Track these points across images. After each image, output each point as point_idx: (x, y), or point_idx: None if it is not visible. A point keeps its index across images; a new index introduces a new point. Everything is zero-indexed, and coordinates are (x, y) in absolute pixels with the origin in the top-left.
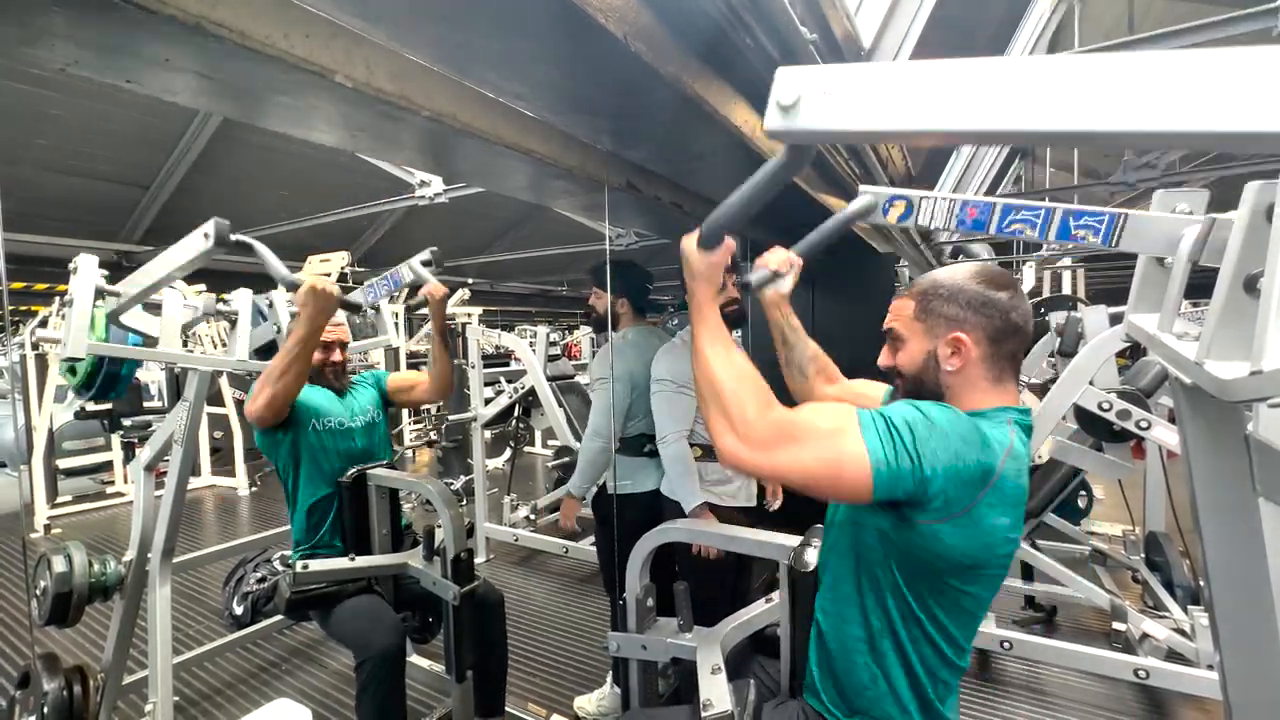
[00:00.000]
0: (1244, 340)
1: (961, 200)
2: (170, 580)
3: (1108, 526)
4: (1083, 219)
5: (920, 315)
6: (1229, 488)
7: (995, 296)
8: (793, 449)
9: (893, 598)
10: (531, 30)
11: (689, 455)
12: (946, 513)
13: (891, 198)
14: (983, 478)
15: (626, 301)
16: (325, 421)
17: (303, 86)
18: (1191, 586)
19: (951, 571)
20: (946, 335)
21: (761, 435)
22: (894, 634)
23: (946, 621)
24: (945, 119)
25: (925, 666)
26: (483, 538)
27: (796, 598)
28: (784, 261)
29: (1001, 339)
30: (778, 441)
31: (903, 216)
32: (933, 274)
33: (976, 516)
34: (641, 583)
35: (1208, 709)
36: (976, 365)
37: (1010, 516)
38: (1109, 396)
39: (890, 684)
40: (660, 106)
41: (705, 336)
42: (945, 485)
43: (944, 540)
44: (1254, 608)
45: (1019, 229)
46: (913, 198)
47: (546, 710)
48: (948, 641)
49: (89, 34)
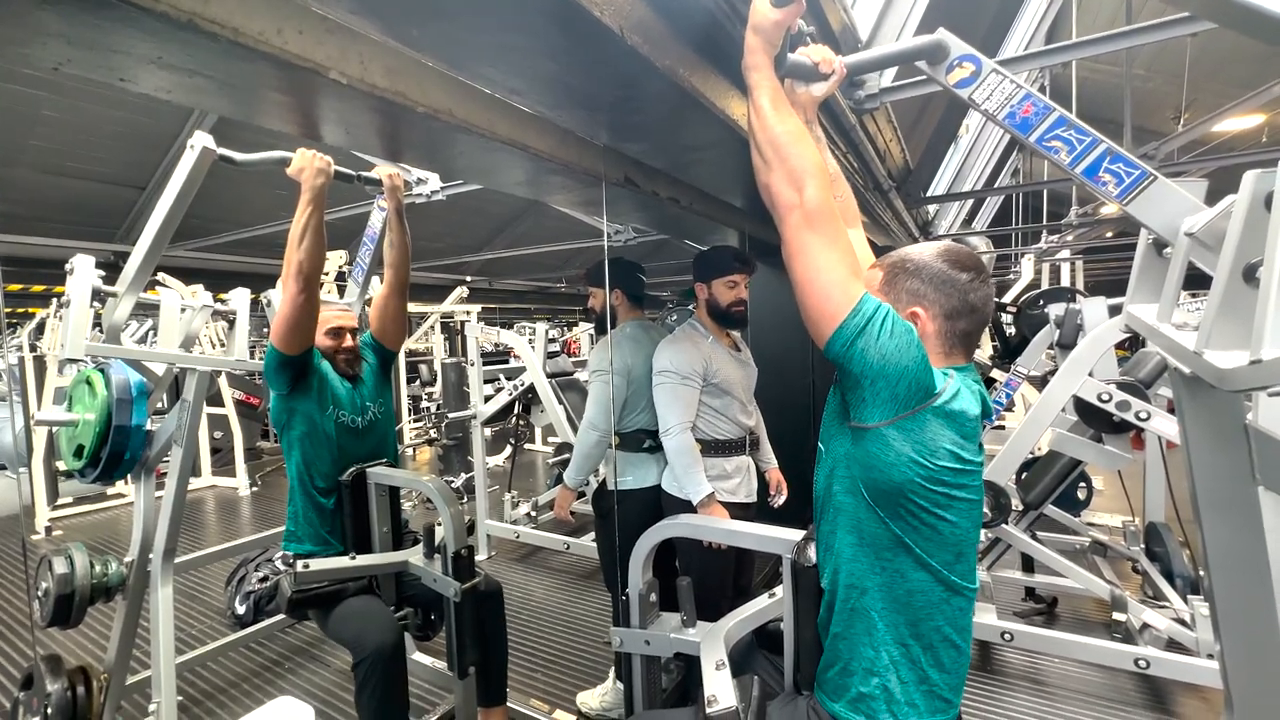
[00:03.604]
0: (1243, 329)
1: (1025, 91)
2: (172, 580)
3: (1107, 517)
4: (1118, 163)
5: (885, 287)
6: (1229, 477)
7: (957, 276)
8: (826, 242)
9: (871, 527)
10: (527, 24)
11: (694, 447)
12: (893, 411)
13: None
14: (927, 390)
15: (621, 294)
16: (340, 414)
17: (297, 83)
18: (1191, 576)
19: (911, 486)
20: (906, 309)
21: (818, 210)
22: (884, 568)
23: (926, 544)
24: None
25: (925, 599)
26: (484, 535)
27: (799, 592)
28: (828, 60)
29: (956, 316)
30: (824, 227)
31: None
32: (904, 249)
33: (919, 422)
34: (644, 578)
35: (1208, 698)
36: (930, 339)
37: (953, 433)
38: (1108, 388)
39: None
40: (657, 100)
41: (765, 99)
42: (898, 377)
43: (893, 446)
44: (1254, 596)
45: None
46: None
47: (550, 706)
48: (936, 569)
49: (81, 32)
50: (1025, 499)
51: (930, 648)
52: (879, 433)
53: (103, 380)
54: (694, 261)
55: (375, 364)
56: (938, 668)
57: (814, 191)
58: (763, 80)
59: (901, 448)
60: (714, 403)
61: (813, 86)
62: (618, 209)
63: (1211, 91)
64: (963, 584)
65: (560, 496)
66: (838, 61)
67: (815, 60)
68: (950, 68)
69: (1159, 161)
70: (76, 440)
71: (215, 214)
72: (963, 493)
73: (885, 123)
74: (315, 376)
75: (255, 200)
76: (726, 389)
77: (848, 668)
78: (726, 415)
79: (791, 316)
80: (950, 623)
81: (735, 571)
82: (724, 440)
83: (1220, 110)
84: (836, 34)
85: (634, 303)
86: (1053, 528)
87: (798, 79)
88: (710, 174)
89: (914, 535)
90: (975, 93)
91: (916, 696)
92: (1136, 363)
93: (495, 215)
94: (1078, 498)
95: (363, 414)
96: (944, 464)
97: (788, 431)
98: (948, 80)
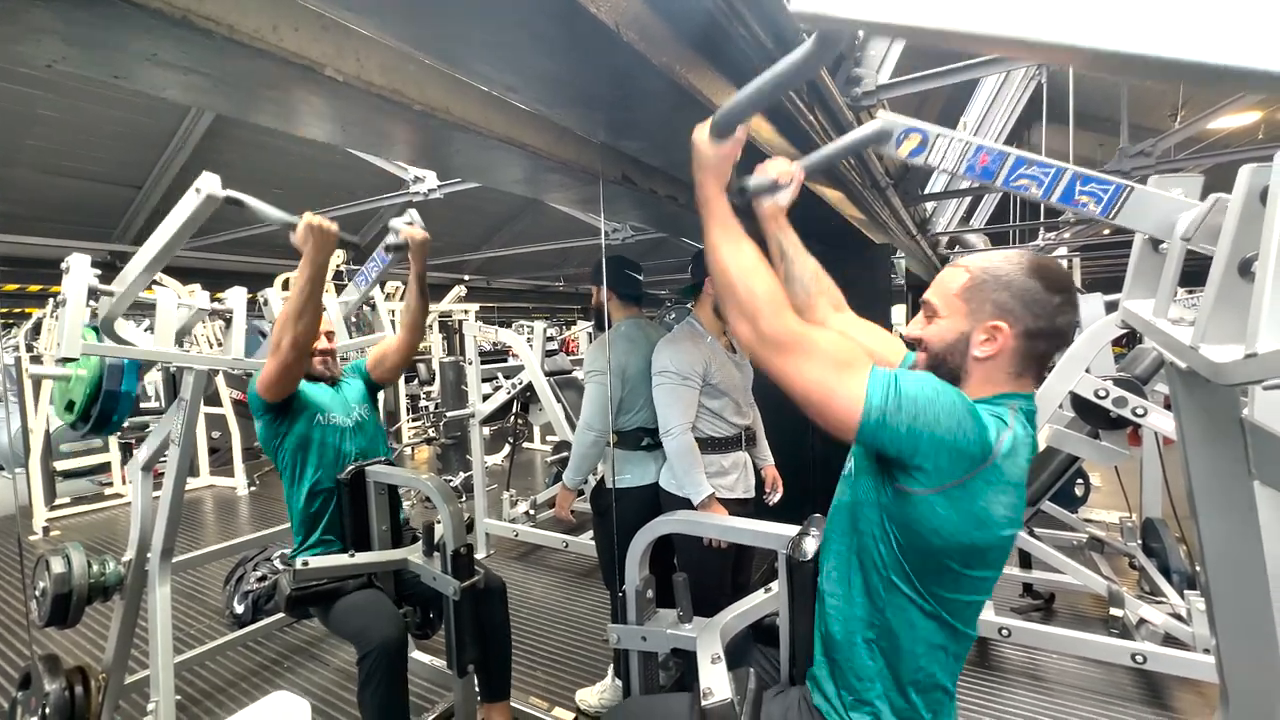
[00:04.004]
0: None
1: (976, 145)
2: (170, 580)
3: (1104, 514)
4: (1090, 184)
5: (967, 295)
6: (1225, 472)
7: (1049, 298)
8: (800, 360)
9: (895, 574)
10: (523, 20)
11: (695, 447)
12: (939, 482)
13: (907, 129)
14: (979, 454)
15: (612, 292)
16: (328, 416)
17: (293, 80)
18: (1188, 572)
19: (949, 551)
20: (987, 322)
21: (775, 338)
22: (895, 612)
23: (948, 600)
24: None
25: (927, 646)
26: (483, 533)
27: (795, 587)
28: (785, 173)
29: (1038, 338)
30: (790, 349)
31: (915, 151)
32: (990, 256)
33: (971, 491)
34: (641, 574)
35: (1204, 692)
36: (1005, 356)
37: (1009, 497)
38: (1105, 384)
39: (891, 667)
40: (654, 97)
41: (717, 231)
42: (935, 451)
43: (939, 513)
44: (1250, 590)
45: (1025, 184)
46: (929, 133)
47: (549, 703)
48: (949, 621)
49: (75, 29)
50: None
51: (924, 692)
52: (923, 499)
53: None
54: (700, 257)
55: (362, 388)
56: (927, 710)
57: (767, 320)
58: (713, 214)
59: (948, 515)
60: (712, 404)
61: (777, 197)
62: (615, 207)
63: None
64: (966, 631)
65: (560, 496)
66: (795, 168)
67: (773, 177)
68: (899, 142)
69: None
70: (69, 395)
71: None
72: (1000, 554)
73: None
74: (297, 400)
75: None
76: (725, 390)
77: (840, 685)
78: (723, 416)
79: None
80: (945, 669)
81: (733, 568)
82: (721, 437)
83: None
84: None
85: (629, 301)
86: (1050, 524)
87: (761, 196)
88: None
89: (937, 590)
90: (930, 158)
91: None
92: (1133, 359)
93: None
94: (1075, 494)
95: (349, 414)
96: (993, 534)
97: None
98: (900, 154)
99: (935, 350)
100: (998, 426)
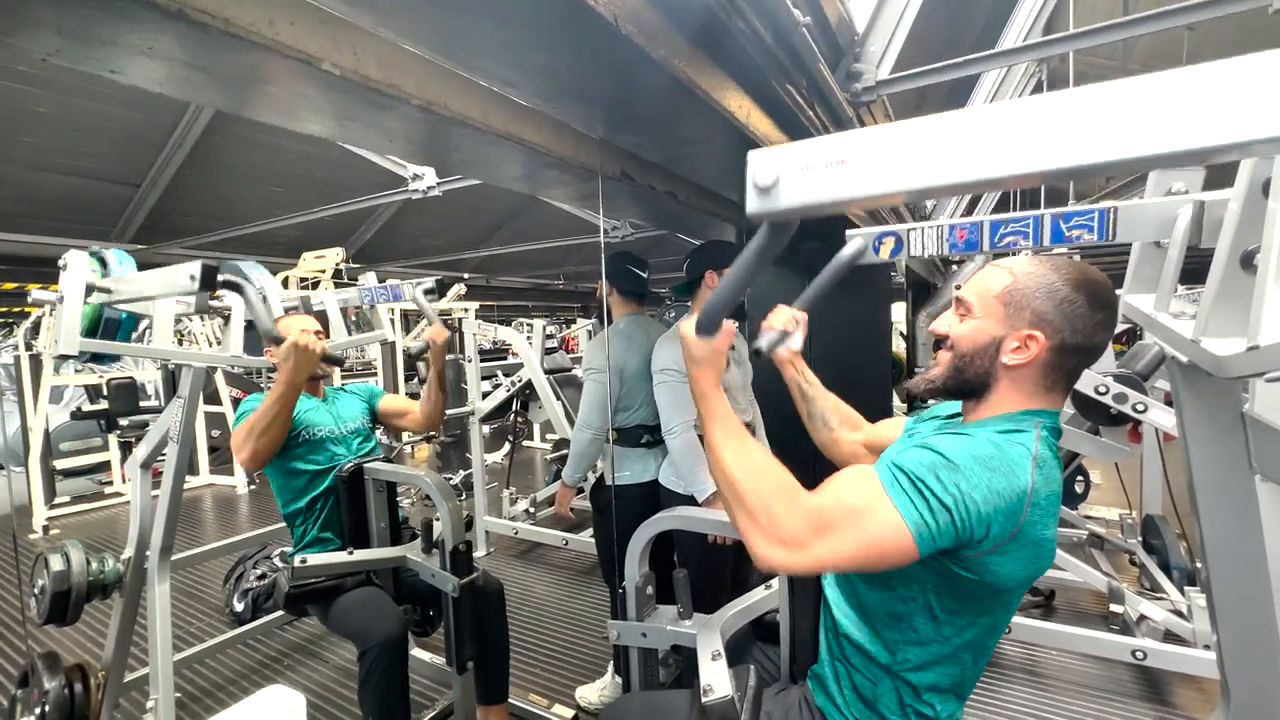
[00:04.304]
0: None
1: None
2: (169, 578)
3: (1105, 510)
4: (1073, 220)
5: (1007, 298)
6: (1226, 466)
7: (1092, 314)
8: (829, 539)
9: (927, 614)
10: (521, 14)
11: (698, 445)
12: (994, 544)
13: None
14: (1020, 501)
15: (614, 288)
16: (315, 431)
17: (290, 75)
18: (1188, 568)
19: (996, 595)
20: (1023, 330)
21: (794, 533)
22: (911, 611)
23: (979, 631)
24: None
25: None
26: (482, 531)
27: (796, 584)
28: (789, 320)
29: (1072, 353)
30: (813, 535)
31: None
32: (1037, 261)
33: (1023, 539)
34: (641, 571)
35: (1204, 689)
36: (1036, 367)
37: (1054, 524)
38: (1106, 380)
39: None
40: (652, 92)
41: (717, 431)
42: (989, 520)
43: (994, 570)
44: (1251, 585)
45: (1012, 241)
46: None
47: (549, 700)
48: (979, 652)
49: (70, 22)
50: None
51: (935, 694)
52: (981, 560)
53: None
54: (698, 253)
55: (363, 407)
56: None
57: (782, 522)
58: (713, 410)
59: (1004, 569)
60: None
61: (789, 342)
62: (615, 203)
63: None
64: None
65: (560, 494)
66: (796, 313)
67: (779, 328)
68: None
69: None
70: None
71: (209, 212)
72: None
73: (882, 116)
74: None
75: (250, 198)
76: (724, 387)
77: (840, 685)
78: None
79: None
80: (962, 673)
81: (733, 564)
82: None
83: None
84: (834, 27)
85: (630, 298)
86: None
87: (775, 348)
88: (707, 167)
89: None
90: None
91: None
92: (1134, 355)
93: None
94: (1075, 491)
95: (341, 424)
96: (1048, 562)
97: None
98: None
99: (963, 351)
100: (1024, 456)
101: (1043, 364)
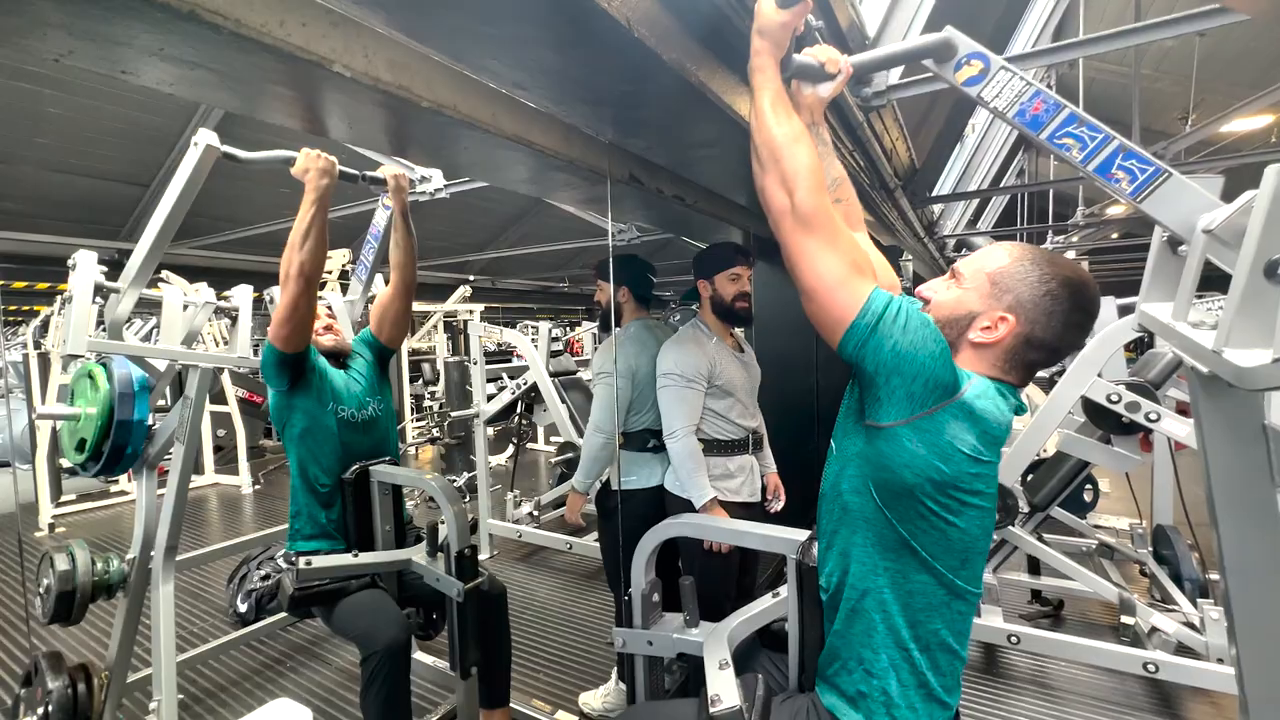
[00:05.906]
0: (1264, 327)
1: (1035, 89)
2: (174, 578)
3: (1115, 520)
4: (1130, 159)
5: (997, 277)
6: (1247, 479)
7: (1066, 314)
8: (822, 243)
9: (876, 530)
10: (533, 16)
11: (698, 451)
12: (909, 411)
13: (970, 54)
14: (950, 385)
15: (628, 291)
16: (340, 409)
17: (300, 76)
18: (1200, 580)
19: (924, 489)
20: (998, 311)
21: (808, 214)
22: (888, 574)
23: (934, 547)
24: None
25: (926, 603)
26: (486, 534)
27: (804, 591)
28: (834, 61)
29: (1036, 348)
30: (817, 229)
31: (971, 80)
32: (1038, 252)
33: (938, 423)
34: (647, 578)
35: (1218, 702)
36: (999, 350)
37: (972, 438)
38: (1118, 388)
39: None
40: (663, 95)
41: (768, 98)
42: (913, 375)
43: (908, 447)
44: (1272, 600)
45: (1068, 144)
46: (992, 63)
47: (552, 706)
48: (941, 572)
49: (82, 22)
50: (1032, 501)
51: (928, 650)
52: (893, 432)
53: (105, 374)
54: (695, 260)
55: (372, 359)
56: (935, 671)
57: (805, 194)
58: (766, 82)
59: (916, 449)
60: (717, 405)
61: (819, 87)
62: (622, 207)
63: (1219, 92)
64: (966, 588)
65: (570, 500)
66: (844, 61)
67: (821, 60)
68: (959, 65)
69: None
70: (79, 434)
71: (219, 212)
72: (976, 499)
73: (891, 121)
74: (314, 373)
75: (258, 198)
76: (729, 390)
77: (846, 666)
78: (728, 417)
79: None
80: (949, 626)
81: (739, 572)
82: (727, 440)
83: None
84: (844, 31)
85: (640, 303)
86: (1060, 530)
87: (804, 80)
88: (715, 171)
89: (922, 538)
90: (984, 90)
91: (916, 699)
92: (1145, 363)
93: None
94: (1084, 499)
95: (362, 408)
96: (960, 469)
97: (791, 433)
98: (956, 79)
99: (937, 318)
100: (967, 375)
101: (1006, 348)
